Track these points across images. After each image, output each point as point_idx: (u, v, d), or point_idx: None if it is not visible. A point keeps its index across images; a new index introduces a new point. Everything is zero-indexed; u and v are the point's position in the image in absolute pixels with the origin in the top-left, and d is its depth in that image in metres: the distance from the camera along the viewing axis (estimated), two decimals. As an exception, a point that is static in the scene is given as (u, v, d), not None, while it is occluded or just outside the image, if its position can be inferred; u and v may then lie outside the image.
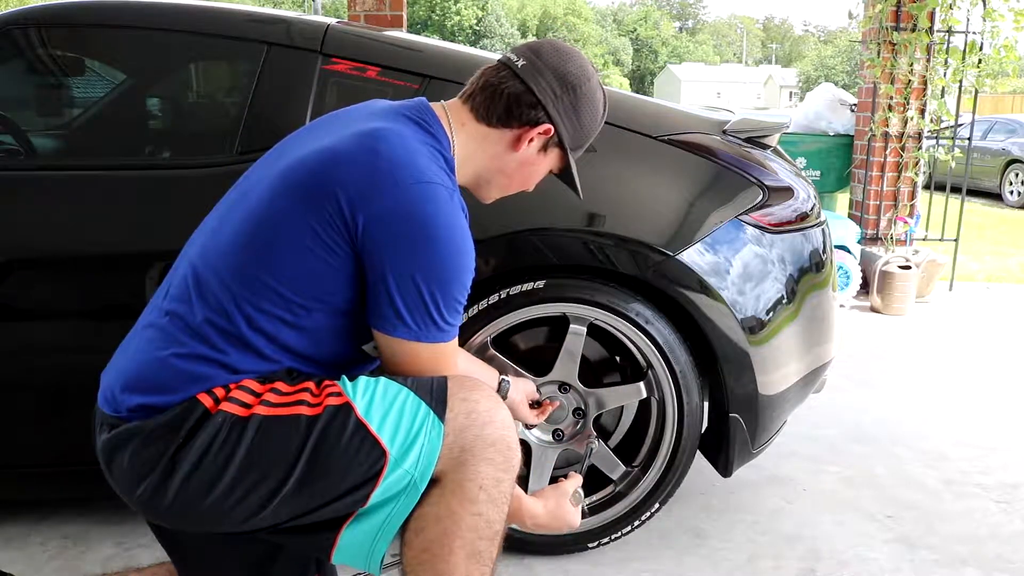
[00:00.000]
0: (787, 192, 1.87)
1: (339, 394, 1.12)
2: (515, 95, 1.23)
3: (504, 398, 1.53)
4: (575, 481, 1.46)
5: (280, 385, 1.13)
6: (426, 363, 1.17)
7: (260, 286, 1.11)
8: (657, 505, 1.86)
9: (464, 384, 1.18)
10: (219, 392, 1.11)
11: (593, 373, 1.89)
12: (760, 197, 1.81)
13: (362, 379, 1.16)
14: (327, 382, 1.15)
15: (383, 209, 1.09)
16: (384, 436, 1.10)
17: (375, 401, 1.12)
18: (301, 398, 1.11)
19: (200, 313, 1.12)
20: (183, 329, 1.12)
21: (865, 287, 4.46)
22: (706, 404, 1.88)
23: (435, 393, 1.14)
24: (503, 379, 1.55)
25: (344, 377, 1.16)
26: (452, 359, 1.21)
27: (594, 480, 1.91)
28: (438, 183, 1.13)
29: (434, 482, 1.14)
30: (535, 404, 1.65)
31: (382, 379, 1.16)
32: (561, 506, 1.40)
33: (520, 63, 1.24)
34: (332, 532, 1.14)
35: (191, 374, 1.10)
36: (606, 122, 1.77)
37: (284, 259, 1.11)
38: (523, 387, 1.62)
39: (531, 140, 1.25)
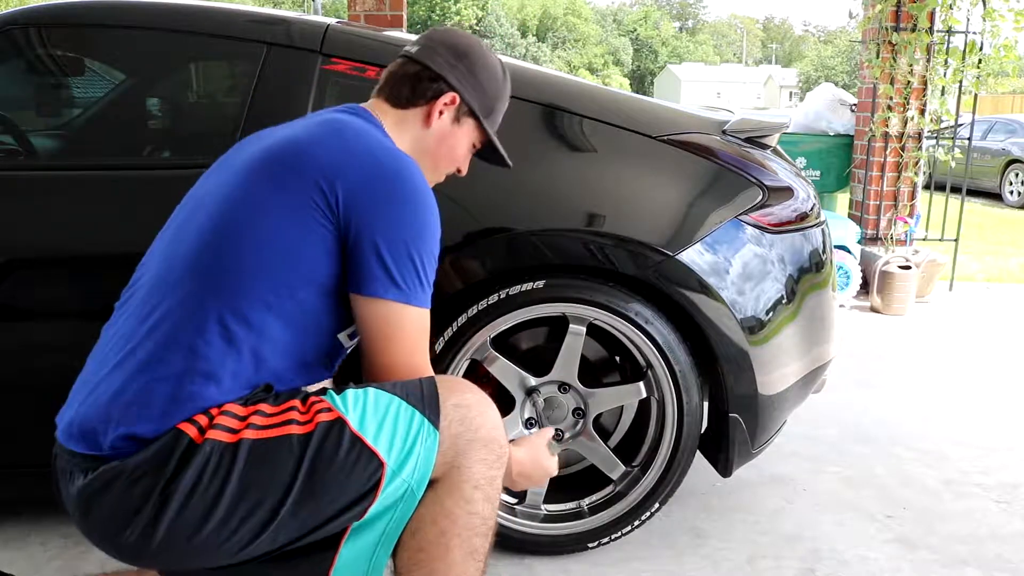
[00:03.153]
0: (787, 192, 1.87)
1: (329, 409, 1.11)
2: (414, 74, 1.32)
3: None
4: (548, 431, 1.47)
5: (264, 407, 1.10)
6: (410, 332, 1.17)
7: (240, 287, 1.10)
8: (657, 505, 1.86)
9: (453, 387, 1.18)
10: (202, 420, 1.07)
11: (593, 373, 1.89)
12: (760, 197, 1.81)
13: (350, 392, 1.14)
14: (313, 398, 1.13)
15: (362, 175, 1.14)
16: (380, 447, 1.10)
17: (367, 413, 1.11)
18: (289, 417, 1.09)
19: (173, 332, 1.09)
20: (160, 349, 1.09)
21: (865, 287, 4.46)
22: (706, 404, 1.88)
23: (427, 400, 1.14)
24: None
25: (330, 391, 1.15)
26: (427, 330, 1.22)
27: (594, 480, 1.91)
28: (404, 156, 1.20)
29: (428, 484, 1.14)
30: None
31: (371, 390, 1.15)
32: (541, 451, 1.39)
33: (415, 49, 1.35)
34: (330, 552, 1.12)
35: (173, 396, 1.07)
36: (606, 122, 1.80)
37: (262, 253, 1.11)
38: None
39: (441, 113, 1.32)
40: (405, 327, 1.17)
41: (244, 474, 1.05)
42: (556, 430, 1.84)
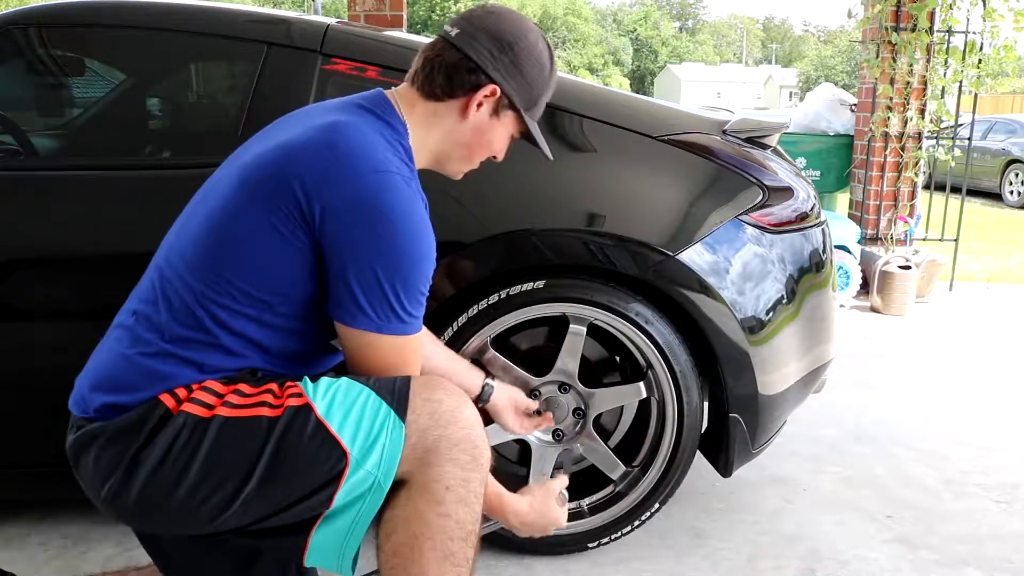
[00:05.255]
0: (787, 192, 1.87)
1: (300, 395, 1.12)
2: (453, 64, 1.22)
3: (486, 402, 1.55)
4: (562, 481, 1.46)
5: (243, 387, 1.13)
6: (388, 356, 1.16)
7: (222, 282, 1.11)
8: (657, 505, 1.86)
9: (427, 384, 1.17)
10: (182, 393, 1.11)
11: (593, 373, 1.89)
12: (760, 197, 1.81)
13: (324, 380, 1.15)
14: (289, 383, 1.14)
15: (340, 198, 1.08)
16: (344, 437, 1.10)
17: (336, 402, 1.12)
18: (263, 399, 1.11)
19: (165, 312, 1.13)
20: (148, 328, 1.13)
21: (865, 287, 4.46)
22: (706, 404, 1.88)
23: (397, 393, 1.14)
24: (487, 383, 1.56)
25: (306, 378, 1.16)
26: (415, 353, 1.20)
27: (594, 480, 1.91)
28: (394, 172, 1.12)
29: (402, 484, 1.14)
30: (535, 413, 1.67)
31: (344, 379, 1.15)
32: (547, 503, 1.40)
33: (454, 32, 1.23)
34: (302, 535, 1.14)
35: (156, 372, 1.11)
36: (606, 122, 1.80)
37: (243, 254, 1.11)
38: (510, 394, 1.62)
39: (479, 105, 1.24)
40: (380, 351, 1.15)
41: (212, 449, 1.08)
42: (556, 430, 1.84)
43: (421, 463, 1.13)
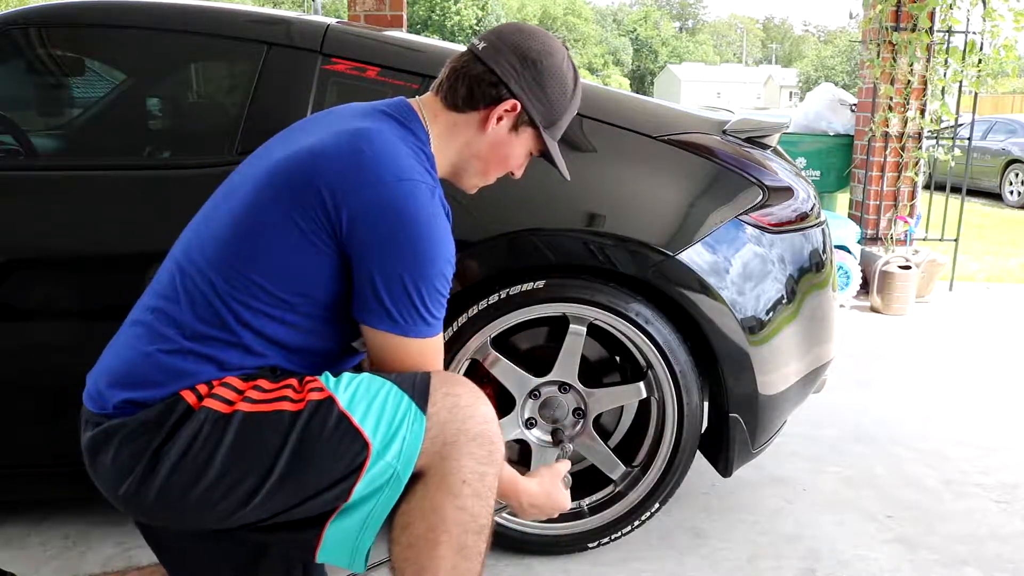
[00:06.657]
0: (787, 192, 1.87)
1: (321, 389, 1.13)
2: (476, 76, 1.24)
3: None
4: (565, 464, 1.48)
5: (263, 382, 1.13)
6: (413, 357, 1.18)
7: (245, 282, 1.12)
8: (657, 505, 1.86)
9: (447, 379, 1.18)
10: (202, 389, 1.12)
11: (593, 373, 1.89)
12: (760, 197, 1.81)
13: (345, 375, 1.16)
14: (308, 378, 1.16)
15: (366, 205, 1.10)
16: (367, 428, 1.11)
17: (358, 394, 1.13)
18: (283, 394, 1.12)
19: (186, 309, 1.13)
20: (169, 325, 1.13)
21: (865, 287, 4.46)
22: (706, 404, 1.88)
23: (418, 386, 1.15)
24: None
25: (327, 373, 1.17)
26: (438, 354, 1.22)
27: (594, 480, 1.91)
28: (419, 180, 1.14)
29: (418, 478, 1.14)
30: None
31: (365, 374, 1.17)
32: (555, 484, 1.42)
33: (482, 46, 1.26)
34: (316, 529, 1.14)
35: (176, 369, 1.11)
36: (606, 122, 1.80)
37: (268, 255, 1.12)
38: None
39: (499, 119, 1.26)
40: (402, 356, 1.17)
41: (233, 444, 1.09)
42: (556, 429, 1.84)
43: (439, 456, 1.14)
